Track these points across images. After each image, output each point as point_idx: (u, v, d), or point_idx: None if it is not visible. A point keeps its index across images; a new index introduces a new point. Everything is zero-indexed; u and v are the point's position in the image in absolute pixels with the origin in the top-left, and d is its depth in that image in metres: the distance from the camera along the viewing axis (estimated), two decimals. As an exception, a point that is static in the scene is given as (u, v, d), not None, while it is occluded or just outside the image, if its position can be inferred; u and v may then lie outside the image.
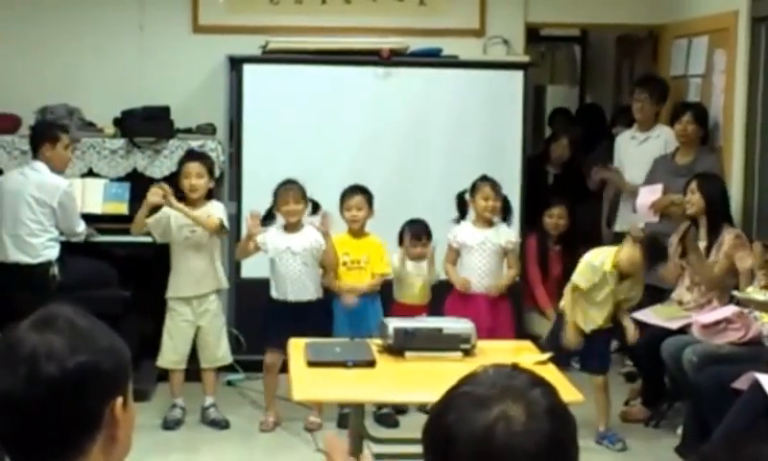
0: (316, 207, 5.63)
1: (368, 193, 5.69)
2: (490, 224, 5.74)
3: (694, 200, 5.65)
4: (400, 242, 5.77)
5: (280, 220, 5.63)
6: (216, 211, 5.65)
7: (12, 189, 5.87)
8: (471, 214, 5.80)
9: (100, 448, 1.59)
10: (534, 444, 1.40)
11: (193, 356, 5.74)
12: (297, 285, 5.56)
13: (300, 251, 5.55)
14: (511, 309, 5.82)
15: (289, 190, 5.56)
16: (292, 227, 5.60)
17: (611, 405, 5.53)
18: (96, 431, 1.57)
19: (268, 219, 5.61)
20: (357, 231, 5.69)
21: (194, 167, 5.62)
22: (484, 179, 5.75)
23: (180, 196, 5.60)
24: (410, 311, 5.40)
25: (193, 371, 5.75)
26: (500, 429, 1.40)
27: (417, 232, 5.74)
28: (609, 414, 5.49)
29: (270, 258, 5.60)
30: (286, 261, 5.55)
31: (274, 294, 5.60)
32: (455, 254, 5.79)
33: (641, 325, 5.69)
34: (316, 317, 5.45)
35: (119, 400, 1.59)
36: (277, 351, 5.40)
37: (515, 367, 1.52)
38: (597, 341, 5.42)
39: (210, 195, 5.76)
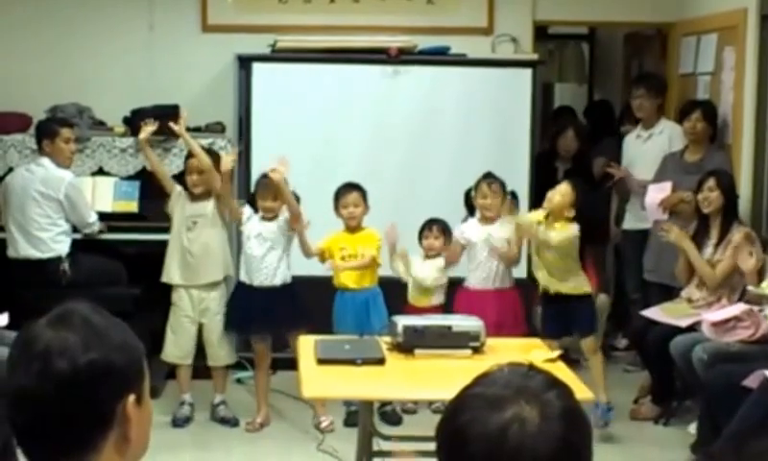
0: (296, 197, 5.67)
1: (362, 190, 5.72)
2: (493, 220, 5.76)
3: (713, 197, 5.61)
4: (420, 238, 5.82)
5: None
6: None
7: (20, 186, 5.92)
8: (478, 212, 5.82)
9: (113, 446, 1.59)
10: (547, 446, 1.39)
11: (201, 353, 5.77)
12: (258, 270, 5.60)
13: (268, 237, 5.60)
14: (520, 303, 5.82)
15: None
16: (267, 210, 5.59)
17: (603, 375, 5.65)
18: (108, 429, 1.58)
19: (253, 207, 5.67)
20: (354, 227, 5.72)
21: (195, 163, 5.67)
22: (484, 176, 5.77)
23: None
24: (422, 314, 5.41)
25: (203, 368, 5.78)
26: (514, 431, 1.40)
27: (428, 224, 5.80)
28: (604, 384, 5.58)
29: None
30: (249, 247, 5.61)
31: (240, 278, 5.71)
32: (460, 249, 5.81)
33: (650, 322, 5.70)
34: (285, 300, 5.53)
35: (131, 397, 1.59)
36: (259, 339, 5.62)
37: (531, 367, 1.51)
38: (578, 305, 5.51)
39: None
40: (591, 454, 1.47)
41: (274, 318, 5.57)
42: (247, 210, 5.70)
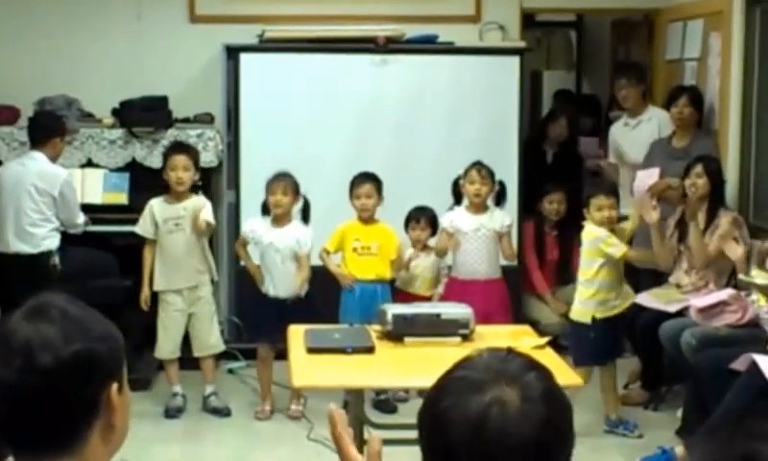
0: (306, 205, 5.63)
1: (377, 180, 5.69)
2: (483, 209, 5.76)
3: (700, 183, 5.62)
4: (406, 227, 5.83)
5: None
6: (203, 210, 5.63)
7: (12, 180, 5.88)
8: (466, 200, 5.82)
9: (99, 436, 1.60)
10: (529, 428, 1.40)
11: (188, 344, 5.77)
12: (278, 281, 5.58)
13: (282, 248, 5.56)
14: (507, 293, 5.84)
15: (279, 181, 5.55)
16: (278, 219, 5.59)
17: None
18: (93, 418, 1.59)
19: (264, 212, 5.63)
20: (367, 219, 5.71)
21: (180, 160, 5.61)
22: (473, 164, 5.76)
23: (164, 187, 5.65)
24: (415, 301, 5.43)
25: (194, 359, 5.78)
26: (495, 413, 1.39)
27: (416, 215, 5.81)
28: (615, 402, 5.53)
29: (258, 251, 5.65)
30: (270, 256, 5.58)
31: (261, 287, 5.65)
32: (447, 239, 5.78)
33: (639, 308, 5.73)
34: (296, 314, 5.31)
35: (114, 385, 1.60)
36: (267, 345, 5.50)
37: (509, 351, 1.51)
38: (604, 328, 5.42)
39: (195, 189, 5.72)
40: (573, 435, 1.47)
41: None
42: (252, 224, 5.66)
